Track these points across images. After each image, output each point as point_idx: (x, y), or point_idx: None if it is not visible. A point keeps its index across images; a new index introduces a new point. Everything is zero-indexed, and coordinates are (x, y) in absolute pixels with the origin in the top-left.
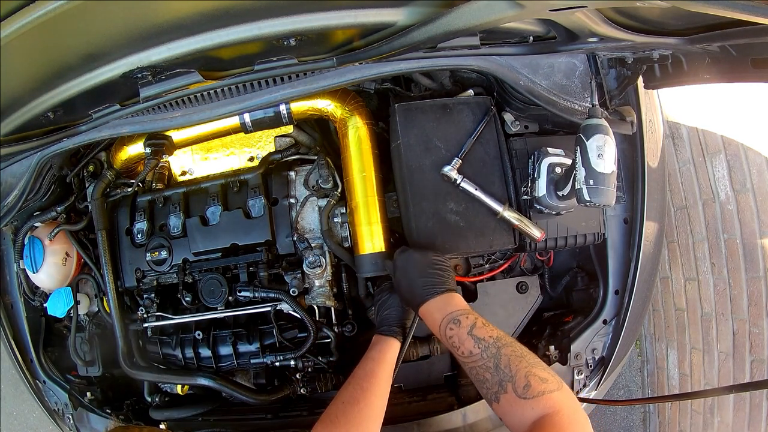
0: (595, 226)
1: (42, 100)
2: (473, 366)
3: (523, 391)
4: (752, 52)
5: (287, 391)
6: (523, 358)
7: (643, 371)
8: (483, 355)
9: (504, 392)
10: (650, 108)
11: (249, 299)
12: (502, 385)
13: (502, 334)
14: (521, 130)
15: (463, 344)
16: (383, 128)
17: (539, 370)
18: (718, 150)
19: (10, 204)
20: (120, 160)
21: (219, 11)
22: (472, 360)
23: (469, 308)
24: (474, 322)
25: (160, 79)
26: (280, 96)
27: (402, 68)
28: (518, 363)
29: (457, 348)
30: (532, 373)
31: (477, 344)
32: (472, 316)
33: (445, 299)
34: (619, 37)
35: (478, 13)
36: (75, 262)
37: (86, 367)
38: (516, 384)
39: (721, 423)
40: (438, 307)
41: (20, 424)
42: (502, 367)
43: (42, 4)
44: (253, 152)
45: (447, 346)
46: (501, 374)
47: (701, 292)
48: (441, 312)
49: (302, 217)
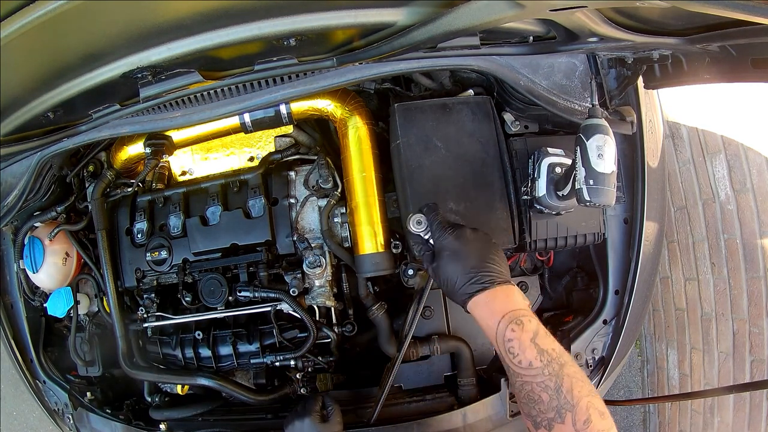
0: (595, 226)
1: (42, 100)
2: (529, 381)
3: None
4: (752, 52)
5: (287, 391)
6: (584, 383)
7: (643, 371)
8: (544, 371)
9: (561, 422)
10: (650, 108)
11: (249, 299)
12: (561, 413)
13: (563, 350)
14: (521, 130)
15: (524, 353)
16: (383, 128)
17: (598, 401)
18: (718, 150)
19: (10, 204)
20: (120, 160)
21: (219, 11)
22: (530, 374)
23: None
24: (537, 328)
25: (160, 79)
26: (280, 96)
27: (402, 68)
28: (580, 389)
29: (514, 355)
30: (593, 405)
31: (540, 356)
32: (535, 320)
33: (506, 292)
34: (619, 37)
35: (478, 13)
36: (75, 262)
37: (86, 367)
38: (577, 416)
39: (721, 423)
40: (497, 300)
41: (20, 424)
42: (564, 391)
43: (42, 4)
44: (253, 152)
45: (500, 350)
46: (561, 399)
47: (701, 292)
48: (501, 307)
49: (302, 217)
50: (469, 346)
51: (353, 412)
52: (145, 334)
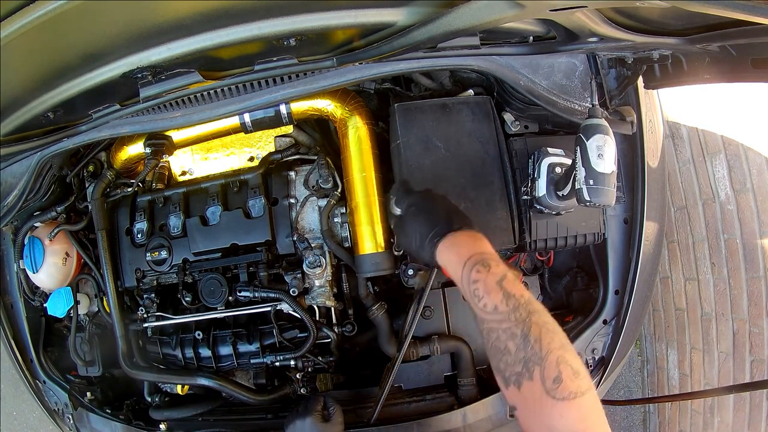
0: (595, 226)
1: (42, 100)
2: (495, 327)
3: (553, 385)
4: (752, 52)
5: (287, 391)
6: (555, 334)
7: (643, 371)
8: (510, 316)
9: (529, 378)
10: (650, 108)
11: (249, 299)
12: (528, 366)
13: (533, 298)
14: (521, 130)
15: (489, 295)
16: (383, 128)
17: (571, 356)
18: (718, 150)
19: (10, 204)
20: (120, 160)
21: (219, 11)
22: (495, 318)
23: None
24: (505, 273)
25: (160, 79)
26: (280, 96)
27: (402, 68)
28: (550, 341)
29: (479, 298)
30: (565, 360)
31: (506, 300)
32: (503, 265)
33: (472, 236)
34: (619, 37)
35: (478, 13)
36: (75, 262)
37: (86, 367)
38: (545, 371)
39: (721, 423)
40: (463, 244)
41: (20, 424)
42: (531, 340)
43: (42, 4)
44: (253, 152)
45: (466, 293)
46: (529, 350)
47: (701, 292)
48: (467, 250)
49: (302, 217)
50: (469, 346)
51: (353, 412)
52: (145, 334)
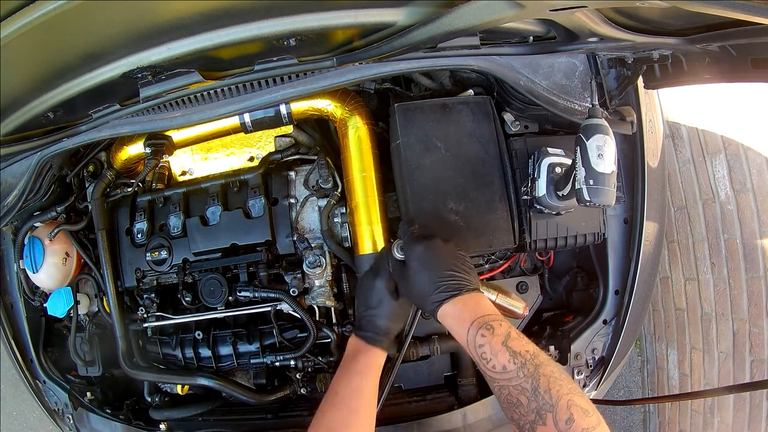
0: (595, 226)
1: (42, 100)
2: (505, 385)
3: (566, 426)
4: (752, 52)
5: (287, 391)
6: (563, 381)
7: (643, 371)
8: (519, 373)
9: (542, 424)
10: (650, 108)
11: (249, 299)
12: (541, 414)
13: (538, 350)
14: (521, 130)
15: (496, 357)
16: (383, 128)
17: (580, 398)
18: (718, 150)
19: (10, 204)
20: (120, 160)
21: (219, 11)
22: (505, 378)
23: (500, 314)
24: (508, 331)
25: (160, 79)
26: (280, 96)
27: (402, 68)
28: (559, 388)
29: (487, 360)
30: (575, 402)
31: (513, 359)
32: (506, 324)
33: (474, 299)
34: (619, 37)
35: (478, 13)
36: (75, 262)
37: (86, 367)
38: (558, 416)
39: (721, 423)
40: (466, 307)
41: (20, 424)
42: (541, 391)
43: (42, 4)
44: (253, 152)
45: (474, 356)
46: (540, 400)
47: (701, 292)
48: (471, 314)
49: (302, 217)
50: None
51: None
52: (145, 334)
